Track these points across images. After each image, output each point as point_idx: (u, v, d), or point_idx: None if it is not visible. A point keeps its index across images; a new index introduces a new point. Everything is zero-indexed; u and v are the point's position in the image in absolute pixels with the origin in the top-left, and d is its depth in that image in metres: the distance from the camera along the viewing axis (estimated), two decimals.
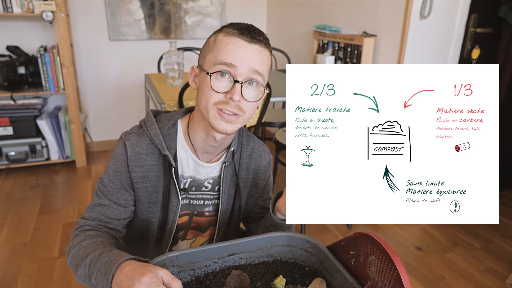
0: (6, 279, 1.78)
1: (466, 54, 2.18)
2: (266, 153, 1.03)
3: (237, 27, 0.82)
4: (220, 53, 0.81)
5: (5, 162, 2.82)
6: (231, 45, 0.80)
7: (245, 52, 0.80)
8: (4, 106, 2.76)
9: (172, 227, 0.97)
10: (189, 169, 0.95)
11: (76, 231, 0.86)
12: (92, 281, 0.72)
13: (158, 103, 1.85)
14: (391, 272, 0.64)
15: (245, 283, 0.80)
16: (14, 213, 2.35)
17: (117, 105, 3.32)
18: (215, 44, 0.83)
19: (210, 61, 0.83)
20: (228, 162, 0.96)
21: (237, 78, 0.81)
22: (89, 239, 0.82)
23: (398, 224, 2.34)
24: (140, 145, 0.89)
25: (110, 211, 0.89)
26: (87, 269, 0.75)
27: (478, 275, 1.90)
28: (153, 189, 0.92)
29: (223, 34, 0.83)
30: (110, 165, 0.90)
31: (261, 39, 0.83)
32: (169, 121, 0.92)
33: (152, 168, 0.90)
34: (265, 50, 0.84)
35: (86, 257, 0.76)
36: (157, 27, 3.26)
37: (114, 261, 0.70)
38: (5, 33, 2.85)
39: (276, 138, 2.23)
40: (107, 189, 0.89)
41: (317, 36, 2.62)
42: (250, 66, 0.81)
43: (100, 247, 0.78)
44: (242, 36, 0.81)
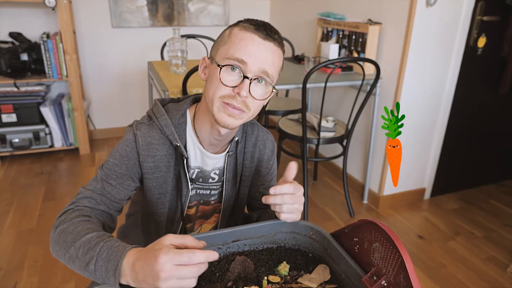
0: (13, 264, 1.81)
1: (472, 42, 2.15)
2: (270, 142, 1.04)
3: (254, 23, 0.82)
4: (233, 47, 0.81)
5: (9, 149, 2.84)
6: (245, 41, 0.80)
7: (258, 49, 0.80)
8: (8, 93, 2.76)
9: (181, 217, 0.98)
10: (197, 159, 0.95)
11: (72, 206, 0.82)
12: (90, 266, 0.67)
13: (162, 90, 1.84)
14: (395, 259, 0.64)
15: (249, 269, 0.81)
16: (19, 199, 2.37)
17: (120, 92, 3.32)
18: (230, 37, 0.82)
19: (223, 53, 0.82)
20: (232, 152, 0.97)
21: (247, 74, 0.80)
22: (82, 218, 0.78)
23: (400, 213, 2.35)
24: (152, 135, 0.89)
25: (115, 191, 0.87)
26: (82, 251, 0.69)
27: (480, 264, 1.91)
28: (163, 179, 0.92)
29: (239, 28, 0.82)
30: (118, 150, 0.89)
31: (276, 38, 0.82)
32: (178, 111, 0.92)
33: (162, 158, 0.90)
34: (278, 49, 0.84)
35: (81, 237, 0.71)
36: (160, 14, 3.23)
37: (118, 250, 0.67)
38: (8, 20, 2.83)
39: (280, 126, 2.23)
40: (112, 171, 0.88)
41: (321, 24, 2.59)
42: (261, 66, 0.81)
43: (97, 229, 0.74)
44: (258, 32, 0.80)
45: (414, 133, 2.28)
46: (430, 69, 2.14)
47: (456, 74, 2.21)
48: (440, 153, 2.41)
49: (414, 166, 2.38)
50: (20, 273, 1.75)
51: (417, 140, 2.31)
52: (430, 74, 2.15)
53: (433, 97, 2.23)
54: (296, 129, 2.19)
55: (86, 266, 0.68)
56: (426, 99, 2.21)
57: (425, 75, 2.14)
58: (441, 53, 2.12)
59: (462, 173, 2.58)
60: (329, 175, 2.82)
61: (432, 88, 2.20)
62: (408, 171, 2.37)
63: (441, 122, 2.32)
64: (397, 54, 2.11)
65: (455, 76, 2.21)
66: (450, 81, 2.22)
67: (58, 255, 0.75)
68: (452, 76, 2.21)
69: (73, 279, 1.72)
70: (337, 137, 2.12)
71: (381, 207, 2.38)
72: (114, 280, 0.65)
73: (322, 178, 2.78)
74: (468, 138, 2.48)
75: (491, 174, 2.73)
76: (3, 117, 2.77)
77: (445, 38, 2.09)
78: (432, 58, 2.11)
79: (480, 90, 2.35)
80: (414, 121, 2.24)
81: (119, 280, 0.65)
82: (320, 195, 2.53)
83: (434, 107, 2.26)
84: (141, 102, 3.37)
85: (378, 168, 2.36)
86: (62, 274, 1.75)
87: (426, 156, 2.40)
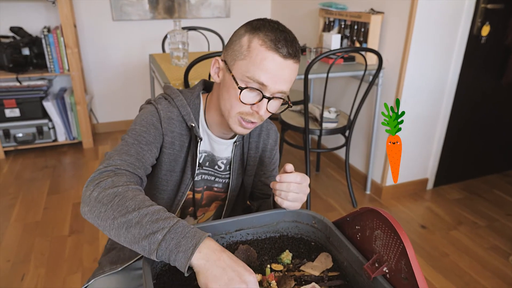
0: (20, 256, 1.83)
1: (476, 31, 2.13)
2: (273, 131, 1.05)
3: (273, 37, 0.79)
4: (254, 67, 0.79)
5: (13, 143, 2.86)
6: (267, 61, 0.79)
7: (280, 69, 0.80)
8: (10, 87, 2.77)
9: (181, 198, 0.98)
10: (205, 144, 0.97)
11: (110, 167, 0.76)
12: (157, 236, 0.64)
13: (164, 82, 1.84)
14: (397, 246, 0.65)
15: (252, 258, 0.82)
16: (24, 193, 2.39)
17: (122, 85, 3.32)
18: (250, 52, 0.80)
19: (242, 69, 0.81)
20: (239, 141, 0.99)
21: (265, 93, 0.82)
22: (136, 187, 0.74)
23: (403, 203, 2.35)
24: (172, 111, 0.90)
25: (148, 155, 0.84)
26: (148, 219, 0.66)
27: (482, 253, 1.92)
28: (173, 157, 0.92)
29: (259, 42, 0.79)
30: (143, 118, 0.87)
31: (295, 54, 0.81)
32: (192, 93, 0.94)
33: (178, 136, 0.91)
34: (297, 65, 0.84)
35: (146, 206, 0.68)
36: (161, 7, 3.21)
37: (196, 230, 0.66)
38: (9, 14, 2.83)
39: (282, 118, 2.23)
40: (141, 137, 0.84)
41: (323, 14, 2.57)
42: (280, 88, 0.82)
43: (159, 205, 0.71)
44: (279, 50, 0.79)
45: (417, 123, 2.27)
46: (433, 58, 2.12)
47: (460, 63, 2.19)
48: (443, 143, 2.40)
49: (417, 156, 2.38)
50: (27, 265, 1.77)
51: (420, 130, 2.30)
52: (433, 63, 2.14)
53: (436, 87, 2.22)
54: (298, 120, 2.19)
55: (150, 234, 0.64)
56: (429, 89, 2.20)
57: (428, 64, 2.13)
58: (444, 43, 2.11)
59: (465, 163, 2.58)
60: (332, 166, 2.82)
61: (435, 78, 2.18)
62: (411, 161, 2.37)
63: (444, 112, 2.31)
64: (399, 43, 2.09)
65: (458, 65, 2.20)
66: (453, 70, 2.20)
67: (100, 216, 0.68)
68: (455, 66, 2.19)
69: (79, 271, 1.74)
70: (339, 128, 2.12)
71: (384, 198, 2.38)
72: (183, 255, 0.63)
73: (325, 169, 2.78)
74: (472, 128, 2.47)
75: (495, 164, 2.72)
76: (6, 112, 2.78)
77: (448, 27, 2.07)
78: (435, 47, 2.10)
79: (483, 80, 2.34)
80: (417, 111, 2.23)
81: (192, 256, 0.63)
82: (323, 186, 2.54)
83: (437, 97, 2.25)
84: (143, 95, 3.37)
85: (380, 158, 2.36)
86: (68, 266, 1.77)
87: (429, 146, 2.40)
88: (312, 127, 2.10)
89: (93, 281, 0.91)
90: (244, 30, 0.83)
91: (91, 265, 1.77)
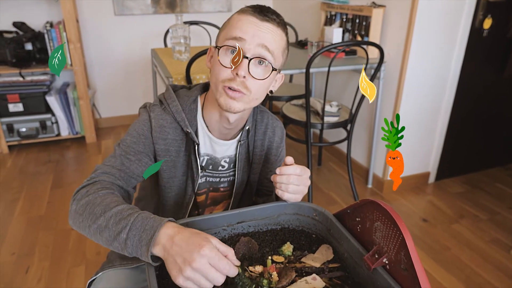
0: (24, 249, 1.85)
1: (478, 24, 2.12)
2: (279, 129, 1.04)
3: (252, 7, 0.83)
4: (231, 28, 0.82)
5: (17, 138, 2.88)
6: (242, 21, 0.81)
7: (256, 28, 0.80)
8: (14, 82, 2.79)
9: (189, 201, 0.99)
10: (206, 146, 0.96)
11: (91, 180, 0.81)
12: (122, 235, 0.67)
13: (166, 77, 1.85)
14: (396, 237, 0.66)
15: (254, 249, 0.83)
16: (28, 187, 2.41)
17: (125, 80, 3.33)
18: (229, 22, 0.85)
19: (222, 37, 0.84)
20: (244, 141, 0.98)
21: (245, 53, 0.80)
22: (107, 191, 0.77)
23: (405, 196, 2.36)
24: (164, 118, 0.90)
25: (134, 166, 0.87)
26: (113, 221, 0.68)
27: (484, 246, 1.92)
28: (172, 163, 0.93)
29: (237, 13, 0.84)
30: (134, 129, 0.89)
31: (274, 18, 0.82)
32: (189, 97, 0.93)
33: (173, 142, 0.91)
34: (278, 30, 0.83)
35: (112, 208, 0.71)
36: (162, 1, 3.21)
37: (154, 220, 0.67)
38: (11, 9, 2.83)
39: (283, 112, 2.23)
40: (130, 148, 0.87)
41: (324, 8, 2.56)
42: (259, 41, 0.80)
43: (125, 203, 0.74)
44: (255, 13, 0.81)
45: (419, 117, 2.27)
46: (434, 51, 2.12)
47: (461, 56, 2.19)
48: (445, 136, 2.40)
49: (418, 150, 2.38)
50: (32, 258, 1.80)
51: (422, 124, 2.30)
52: (434, 57, 2.13)
53: (438, 80, 2.21)
54: (300, 114, 2.19)
55: (116, 235, 0.67)
56: (431, 82, 2.20)
57: (429, 58, 2.12)
58: (446, 36, 2.10)
59: (467, 156, 2.58)
60: (334, 160, 2.83)
61: (437, 71, 2.18)
62: (413, 155, 2.38)
63: (446, 105, 2.31)
64: (401, 37, 2.09)
65: (460, 58, 2.19)
66: (455, 63, 2.20)
67: (80, 227, 0.73)
68: (457, 59, 2.19)
69: (83, 263, 1.76)
70: (341, 121, 2.12)
71: (386, 191, 2.39)
72: (146, 249, 0.64)
73: (327, 163, 2.79)
74: (474, 121, 2.46)
75: (497, 157, 2.72)
76: (10, 107, 2.80)
77: (450, 20, 2.06)
78: (437, 40, 2.09)
79: (486, 73, 2.33)
80: (419, 104, 2.23)
81: (151, 249, 0.64)
82: (324, 180, 2.55)
83: (439, 90, 2.25)
84: (146, 89, 3.38)
85: (382, 152, 2.36)
86: (72, 258, 1.79)
87: (431, 140, 2.40)
88: (314, 121, 2.10)
89: (101, 274, 0.92)
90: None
91: (94, 258, 1.79)
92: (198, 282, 0.60)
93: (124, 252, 0.68)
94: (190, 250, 0.60)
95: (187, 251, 0.61)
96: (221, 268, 0.61)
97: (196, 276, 0.59)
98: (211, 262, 0.60)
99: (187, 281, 0.59)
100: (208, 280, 0.60)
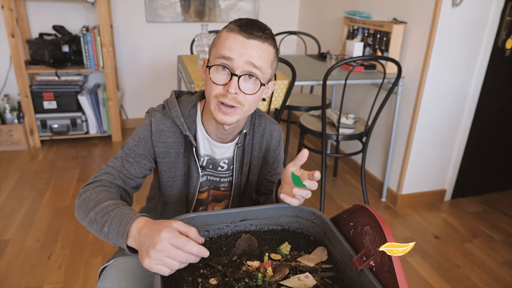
0: (48, 237, 1.98)
1: (500, 43, 2.12)
2: (277, 132, 1.10)
3: (238, 24, 0.86)
4: (220, 47, 0.87)
5: (49, 133, 3.06)
6: (230, 40, 0.85)
7: (243, 47, 0.85)
8: (50, 81, 2.98)
9: (192, 199, 1.07)
10: (205, 148, 1.04)
11: (94, 179, 0.92)
12: (105, 228, 0.77)
13: (188, 83, 1.95)
14: (382, 241, 0.70)
15: (253, 246, 0.89)
16: (56, 180, 2.56)
17: (152, 84, 3.48)
18: (218, 40, 0.89)
19: (213, 55, 0.89)
20: (241, 144, 1.05)
21: (235, 71, 0.86)
22: (103, 188, 0.88)
23: (419, 212, 2.35)
24: (164, 123, 0.98)
25: (133, 168, 0.97)
26: (99, 215, 0.79)
27: (495, 267, 1.90)
28: (172, 164, 1.01)
29: (226, 30, 0.88)
30: (137, 133, 0.99)
31: (260, 35, 0.86)
32: (189, 103, 1.01)
33: (172, 145, 1.00)
34: (264, 45, 0.87)
35: (101, 203, 0.81)
36: (192, 10, 3.35)
37: (129, 215, 0.76)
38: (52, 13, 3.04)
39: (301, 122, 2.29)
40: (131, 151, 0.97)
41: (347, 22, 2.61)
42: (246, 59, 0.85)
43: (115, 198, 0.85)
44: (241, 32, 0.85)
45: (436, 133, 2.27)
46: (454, 69, 2.12)
47: (482, 75, 2.18)
48: (463, 154, 2.39)
49: (435, 167, 2.38)
50: (54, 245, 1.92)
51: (439, 140, 2.30)
52: (454, 74, 2.14)
53: (457, 97, 2.21)
54: (317, 125, 2.24)
55: (101, 228, 0.78)
56: (449, 99, 2.20)
57: (449, 75, 2.13)
58: (466, 54, 2.11)
59: (485, 176, 2.54)
60: (349, 172, 2.85)
61: (456, 88, 2.18)
62: (428, 171, 2.37)
63: (465, 123, 2.30)
64: (420, 53, 2.11)
65: (481, 77, 2.19)
66: (475, 81, 2.19)
67: (80, 218, 0.85)
68: (478, 77, 2.18)
69: (100, 254, 1.87)
70: (356, 134, 2.15)
71: (399, 206, 2.39)
72: (122, 242, 0.74)
73: (342, 174, 2.81)
74: (493, 140, 2.44)
75: None
76: (45, 104, 2.98)
77: (471, 39, 2.07)
78: (457, 58, 2.10)
79: (507, 92, 2.31)
80: (436, 120, 2.23)
81: (126, 241, 0.73)
82: (338, 191, 2.57)
83: (458, 107, 2.25)
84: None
85: (397, 166, 2.37)
86: (91, 249, 1.90)
87: (448, 157, 2.39)
88: (329, 132, 2.14)
89: (113, 261, 1.00)
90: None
91: (111, 250, 1.89)
92: (163, 262, 0.67)
93: (110, 243, 0.79)
94: (152, 236, 0.68)
95: (150, 238, 0.69)
96: (180, 245, 0.68)
97: (160, 256, 0.67)
98: (171, 242, 0.67)
99: (153, 262, 0.67)
100: (172, 258, 0.67)
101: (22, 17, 2.96)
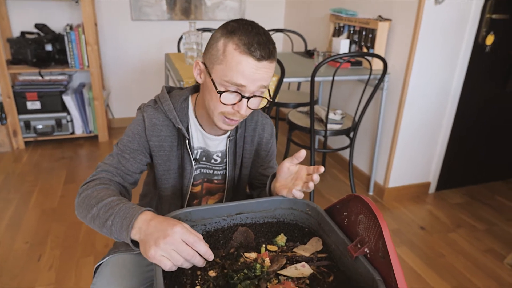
0: (37, 238, 1.96)
1: (481, 40, 2.19)
2: (268, 126, 1.13)
3: (246, 41, 0.83)
4: (231, 72, 0.85)
5: (33, 134, 3.00)
6: (242, 65, 0.84)
7: (256, 72, 0.85)
8: (33, 81, 2.92)
9: (186, 192, 1.08)
10: (199, 141, 1.06)
11: (92, 177, 0.93)
12: (108, 222, 0.78)
13: (177, 80, 1.95)
14: (376, 228, 0.73)
15: (250, 239, 0.91)
16: (42, 181, 2.53)
17: (138, 83, 3.45)
18: (225, 57, 0.85)
19: (220, 74, 0.87)
20: (233, 137, 1.07)
21: (245, 94, 0.88)
22: (103, 185, 0.89)
23: (404, 205, 2.41)
24: (157, 117, 1.00)
25: (129, 164, 0.98)
26: (103, 211, 0.80)
27: (478, 255, 1.97)
28: (166, 158, 1.03)
29: (233, 46, 0.84)
30: (130, 129, 1.00)
31: (269, 55, 0.85)
32: (181, 96, 1.02)
33: (166, 138, 1.01)
34: (272, 63, 0.88)
35: (103, 199, 0.82)
36: (178, 8, 3.34)
37: (135, 209, 0.77)
38: (34, 12, 2.98)
39: (289, 119, 2.31)
40: (126, 147, 0.99)
41: (333, 20, 2.65)
42: (258, 84, 0.87)
43: (117, 195, 0.85)
44: (252, 54, 0.83)
45: (421, 128, 2.33)
46: (437, 65, 2.19)
47: (464, 70, 2.25)
48: (446, 148, 2.46)
49: (420, 160, 2.44)
50: (44, 247, 1.90)
51: (423, 135, 2.37)
52: (437, 70, 2.20)
53: (440, 93, 2.28)
54: (305, 121, 2.27)
55: (104, 222, 0.79)
56: (433, 95, 2.26)
57: (432, 71, 2.19)
58: (449, 50, 2.17)
59: (468, 168, 2.63)
60: (337, 167, 2.90)
61: (440, 83, 2.25)
62: (414, 164, 2.43)
63: (448, 117, 2.37)
64: (405, 50, 2.16)
65: (462, 72, 2.26)
66: (457, 77, 2.26)
67: (81, 216, 0.87)
68: (460, 73, 2.25)
69: (92, 254, 1.86)
70: (344, 129, 2.19)
71: (386, 199, 2.45)
72: (126, 234, 0.74)
73: (330, 169, 2.86)
74: (475, 134, 2.52)
75: (498, 171, 2.76)
76: (28, 104, 2.93)
77: (453, 36, 2.13)
78: (440, 54, 2.16)
79: (488, 87, 2.39)
80: (421, 115, 2.29)
81: (130, 233, 0.74)
82: (327, 185, 2.62)
83: (441, 102, 2.31)
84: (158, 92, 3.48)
85: (384, 160, 2.43)
86: (82, 249, 1.89)
87: (432, 151, 2.46)
88: (318, 128, 2.18)
89: (108, 258, 1.00)
90: (220, 33, 0.87)
91: (103, 250, 1.88)
92: (168, 254, 0.68)
93: (111, 237, 0.79)
94: (164, 228, 0.69)
95: (161, 230, 0.70)
96: (190, 241, 0.69)
97: (168, 248, 0.68)
98: (183, 237, 0.69)
99: (159, 252, 0.67)
100: (178, 254, 0.68)
101: (3, 14, 2.89)
